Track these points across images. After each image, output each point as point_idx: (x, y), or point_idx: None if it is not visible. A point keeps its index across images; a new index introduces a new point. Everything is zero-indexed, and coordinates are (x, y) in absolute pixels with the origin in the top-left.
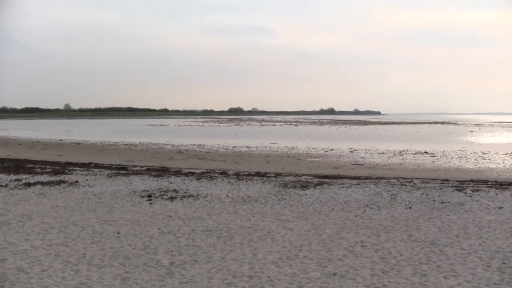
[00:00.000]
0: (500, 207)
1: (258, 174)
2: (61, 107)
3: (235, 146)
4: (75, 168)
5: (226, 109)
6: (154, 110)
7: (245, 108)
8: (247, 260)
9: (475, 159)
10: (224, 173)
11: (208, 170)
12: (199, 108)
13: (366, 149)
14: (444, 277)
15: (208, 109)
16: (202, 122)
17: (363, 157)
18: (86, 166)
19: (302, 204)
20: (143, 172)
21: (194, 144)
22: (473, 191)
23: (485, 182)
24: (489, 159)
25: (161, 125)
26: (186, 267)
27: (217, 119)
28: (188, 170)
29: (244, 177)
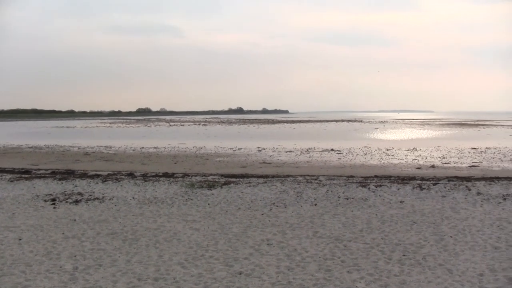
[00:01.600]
0: (401, 201)
1: (165, 174)
2: None
3: (143, 147)
4: None
5: (134, 109)
6: (60, 112)
7: (154, 109)
8: (153, 262)
9: (380, 155)
10: (131, 175)
11: (115, 172)
12: (107, 109)
13: (274, 147)
14: (348, 272)
15: (116, 110)
16: (110, 123)
17: (271, 156)
18: None
19: (209, 204)
20: (47, 175)
21: (101, 146)
22: (376, 187)
23: (388, 177)
24: (392, 155)
25: (67, 127)
26: (90, 271)
27: (125, 120)
28: (94, 173)
29: (151, 178)
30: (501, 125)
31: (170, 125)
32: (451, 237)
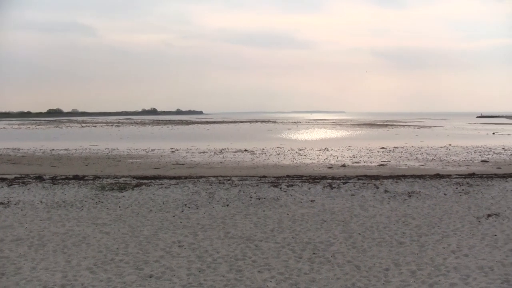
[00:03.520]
0: (312, 201)
1: (76, 177)
2: None
3: (53, 149)
4: None
5: (44, 110)
6: None
7: (65, 110)
8: (60, 268)
9: (292, 156)
10: (39, 178)
11: (22, 175)
12: (15, 110)
13: (187, 148)
14: (259, 271)
15: (25, 110)
16: (18, 124)
17: (184, 157)
18: None
19: (119, 207)
20: None
21: (8, 148)
22: (288, 186)
23: (300, 177)
24: (304, 155)
25: None
26: None
27: (34, 121)
28: None
29: (60, 181)
30: (408, 125)
31: (82, 126)
32: (359, 234)
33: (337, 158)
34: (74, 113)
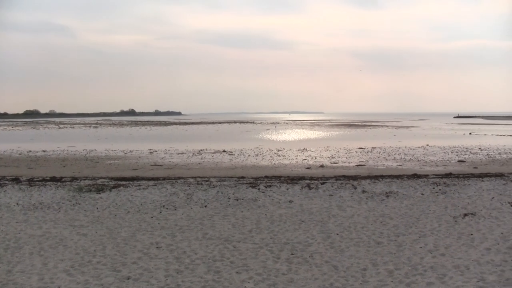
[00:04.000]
0: (290, 201)
1: (53, 179)
2: None
3: (30, 151)
4: None
5: (21, 111)
6: None
7: (42, 111)
8: (37, 271)
9: (271, 156)
10: (16, 180)
11: None
12: None
13: (166, 149)
14: (237, 272)
15: (1, 112)
16: None
17: (162, 158)
18: None
19: (97, 208)
20: None
21: None
22: (266, 187)
23: (278, 177)
24: (283, 156)
25: None
26: None
27: (11, 123)
28: None
29: (37, 182)
30: (386, 126)
31: (60, 128)
32: (337, 234)
33: (316, 158)
34: (51, 114)
